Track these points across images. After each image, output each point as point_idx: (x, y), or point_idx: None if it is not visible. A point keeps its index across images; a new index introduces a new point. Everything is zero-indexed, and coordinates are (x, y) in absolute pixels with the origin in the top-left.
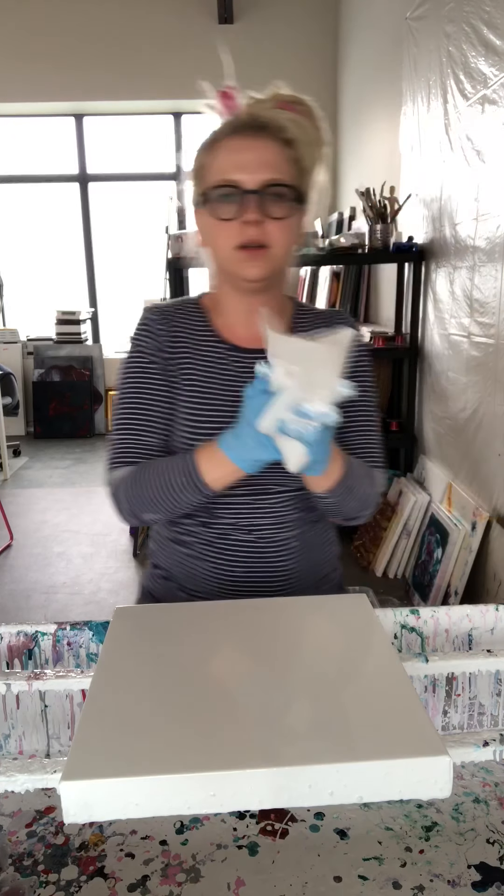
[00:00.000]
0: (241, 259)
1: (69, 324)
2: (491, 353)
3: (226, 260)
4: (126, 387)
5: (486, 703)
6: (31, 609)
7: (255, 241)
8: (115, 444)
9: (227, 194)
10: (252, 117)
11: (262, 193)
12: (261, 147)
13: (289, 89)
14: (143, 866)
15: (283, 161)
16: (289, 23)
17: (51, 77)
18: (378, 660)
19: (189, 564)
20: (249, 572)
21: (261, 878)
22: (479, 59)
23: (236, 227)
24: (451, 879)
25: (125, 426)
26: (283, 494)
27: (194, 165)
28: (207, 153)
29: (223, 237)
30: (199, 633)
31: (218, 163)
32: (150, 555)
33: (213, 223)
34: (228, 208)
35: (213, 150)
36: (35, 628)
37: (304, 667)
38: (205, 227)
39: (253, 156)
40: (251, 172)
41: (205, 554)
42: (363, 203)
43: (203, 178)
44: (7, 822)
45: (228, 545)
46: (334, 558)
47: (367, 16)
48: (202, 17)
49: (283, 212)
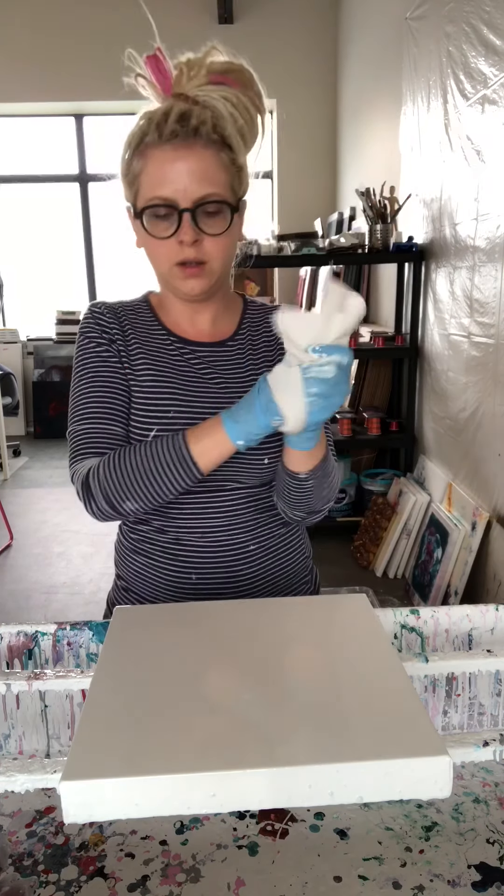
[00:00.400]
0: (180, 276)
1: (69, 324)
2: (491, 353)
3: (165, 274)
4: (84, 377)
5: (486, 703)
6: (31, 609)
7: (192, 259)
8: (80, 435)
9: (160, 214)
10: (181, 117)
11: (195, 211)
12: (193, 158)
13: (223, 52)
14: (143, 866)
15: (217, 169)
16: (289, 23)
17: (51, 77)
18: (378, 660)
19: (146, 574)
20: (204, 579)
21: (261, 878)
22: (479, 59)
23: (172, 244)
24: (451, 879)
25: (88, 416)
26: (237, 492)
27: (122, 165)
28: (137, 157)
29: (160, 254)
30: (199, 633)
31: (149, 175)
32: (115, 565)
33: (148, 238)
34: (163, 226)
35: (144, 156)
36: (35, 628)
37: (304, 667)
38: (141, 238)
39: (185, 169)
40: (184, 188)
41: (160, 562)
42: (363, 203)
43: (133, 184)
44: (7, 822)
45: (182, 550)
46: (306, 569)
47: (367, 16)
48: (202, 17)
49: (219, 227)
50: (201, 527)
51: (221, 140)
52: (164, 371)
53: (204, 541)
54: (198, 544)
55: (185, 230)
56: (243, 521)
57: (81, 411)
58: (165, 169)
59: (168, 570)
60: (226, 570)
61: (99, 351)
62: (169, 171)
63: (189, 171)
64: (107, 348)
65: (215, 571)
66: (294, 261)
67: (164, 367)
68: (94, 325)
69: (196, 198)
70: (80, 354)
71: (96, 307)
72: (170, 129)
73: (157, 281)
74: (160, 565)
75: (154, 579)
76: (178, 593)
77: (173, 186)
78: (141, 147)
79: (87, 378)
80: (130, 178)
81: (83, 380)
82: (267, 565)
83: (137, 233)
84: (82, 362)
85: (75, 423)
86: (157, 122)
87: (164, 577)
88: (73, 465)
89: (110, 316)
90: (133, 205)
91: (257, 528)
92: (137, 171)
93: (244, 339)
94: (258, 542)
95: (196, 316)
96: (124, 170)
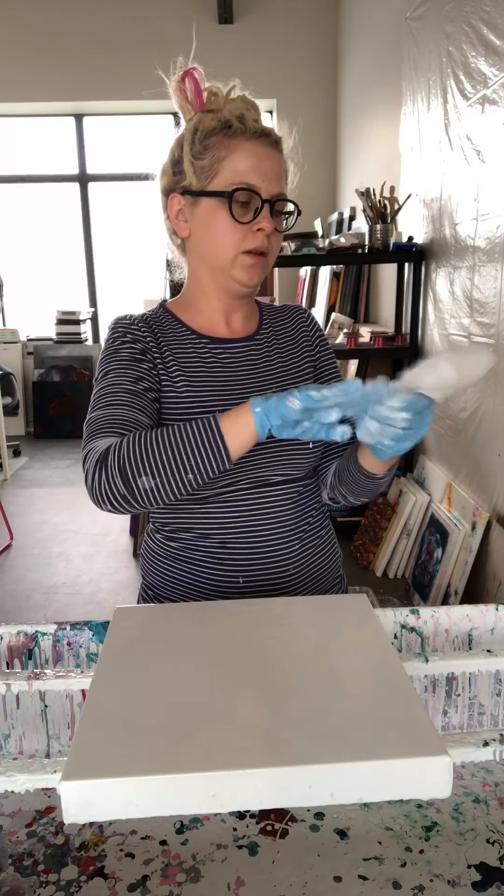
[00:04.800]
0: (246, 264)
1: (69, 324)
2: (491, 354)
3: (225, 261)
4: (111, 378)
5: (486, 703)
6: (31, 609)
7: (261, 248)
8: (100, 419)
9: (246, 200)
10: (265, 129)
11: (274, 204)
12: (276, 160)
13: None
14: (143, 866)
15: (284, 176)
16: (289, 23)
17: (51, 77)
18: (378, 660)
19: (188, 581)
20: (251, 582)
21: (261, 878)
22: (479, 59)
23: (244, 231)
24: (451, 879)
25: (112, 403)
26: (283, 487)
27: (195, 145)
28: (219, 146)
29: (231, 238)
30: (199, 632)
31: (235, 162)
32: (143, 573)
33: (223, 222)
34: (245, 212)
35: (229, 146)
36: (35, 628)
37: (303, 667)
38: (206, 222)
39: (269, 166)
40: (267, 182)
41: (205, 567)
42: (363, 203)
43: (209, 168)
44: (7, 822)
45: (229, 554)
46: (338, 569)
47: (367, 16)
48: (202, 17)
49: (282, 225)
50: (248, 527)
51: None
52: (200, 375)
53: (251, 541)
54: (245, 545)
55: (266, 218)
56: (289, 519)
57: (105, 399)
58: (255, 160)
59: (214, 575)
60: (272, 570)
61: (133, 352)
62: (258, 163)
63: (273, 168)
64: (140, 358)
65: (262, 571)
66: (294, 261)
67: (199, 371)
68: (125, 337)
69: (275, 192)
70: (108, 357)
71: (125, 319)
72: (259, 128)
73: (199, 275)
74: (205, 571)
75: (197, 585)
76: (223, 598)
77: (260, 177)
78: (226, 135)
79: (114, 378)
80: (207, 163)
81: (110, 373)
82: (309, 564)
83: (198, 217)
84: (111, 368)
85: (97, 410)
86: (237, 118)
87: (210, 582)
88: (89, 444)
89: (142, 325)
90: (199, 189)
91: (302, 525)
92: (221, 156)
93: (268, 332)
94: (302, 541)
95: (232, 314)
96: (195, 154)
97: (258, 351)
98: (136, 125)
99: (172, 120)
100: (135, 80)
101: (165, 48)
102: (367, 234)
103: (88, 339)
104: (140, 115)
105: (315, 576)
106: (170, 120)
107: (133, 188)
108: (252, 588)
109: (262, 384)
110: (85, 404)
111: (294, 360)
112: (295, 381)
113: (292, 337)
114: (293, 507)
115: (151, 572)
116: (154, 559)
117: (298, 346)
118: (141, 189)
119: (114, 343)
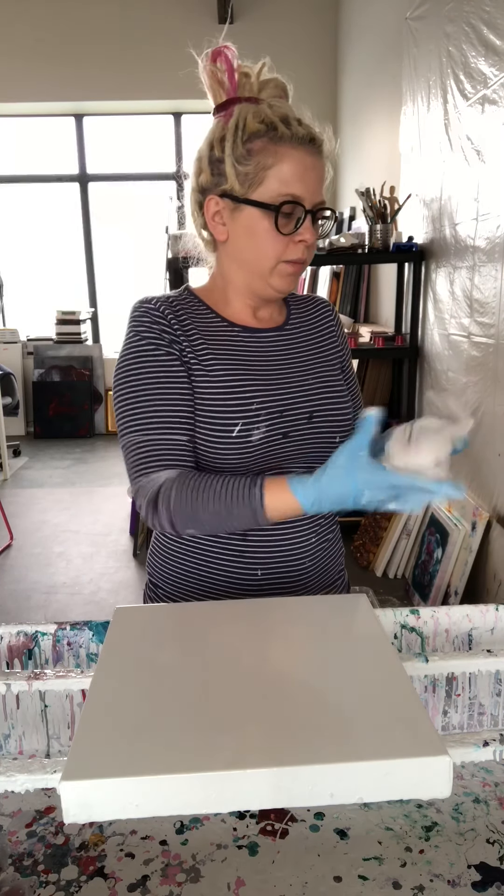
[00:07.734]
0: (285, 273)
1: (69, 324)
2: (491, 353)
3: (265, 268)
4: (143, 383)
5: (486, 703)
6: (31, 609)
7: (301, 259)
8: (143, 447)
9: (290, 212)
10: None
11: (315, 213)
12: (320, 168)
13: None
14: (143, 866)
15: (324, 184)
16: (289, 23)
17: (51, 77)
18: (378, 660)
19: (203, 576)
20: (269, 575)
21: (261, 878)
22: (479, 59)
23: (285, 241)
24: (451, 879)
25: (151, 426)
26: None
27: (238, 147)
28: (266, 152)
29: (273, 248)
30: (199, 632)
31: (282, 172)
32: (150, 571)
33: (267, 232)
34: (288, 223)
35: (276, 153)
36: (35, 628)
37: (303, 667)
38: (248, 230)
39: (314, 176)
40: (311, 193)
41: (224, 562)
42: (363, 203)
43: (255, 175)
44: (7, 822)
45: (248, 547)
46: (342, 564)
47: (367, 16)
48: (202, 17)
49: (318, 230)
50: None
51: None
52: (236, 363)
53: (273, 533)
54: (267, 537)
55: (308, 230)
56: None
57: (142, 421)
58: (301, 170)
59: (233, 568)
60: (290, 562)
61: (158, 355)
62: (304, 173)
63: (317, 177)
64: (167, 351)
65: (280, 564)
66: None
67: (234, 359)
68: (151, 325)
69: (317, 203)
70: (135, 356)
71: (148, 303)
72: (306, 134)
73: (232, 276)
74: (224, 565)
75: (214, 580)
76: (241, 592)
77: (304, 188)
78: (272, 139)
79: (147, 385)
80: (252, 170)
81: (141, 386)
82: (322, 557)
83: (239, 224)
84: (139, 367)
85: (136, 433)
86: (282, 121)
87: (228, 576)
88: (138, 480)
89: (167, 310)
90: (242, 196)
91: (318, 519)
92: (267, 164)
93: (297, 322)
94: (318, 535)
95: (261, 309)
96: (239, 157)
97: (290, 339)
98: (136, 125)
99: (172, 120)
100: (135, 80)
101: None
102: (367, 233)
103: (88, 339)
104: (140, 115)
105: (326, 569)
106: (170, 120)
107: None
108: (269, 581)
109: (298, 372)
110: (85, 404)
111: (325, 352)
112: (326, 372)
113: (319, 329)
114: None
115: (162, 570)
116: (165, 556)
117: (327, 339)
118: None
119: (138, 332)
